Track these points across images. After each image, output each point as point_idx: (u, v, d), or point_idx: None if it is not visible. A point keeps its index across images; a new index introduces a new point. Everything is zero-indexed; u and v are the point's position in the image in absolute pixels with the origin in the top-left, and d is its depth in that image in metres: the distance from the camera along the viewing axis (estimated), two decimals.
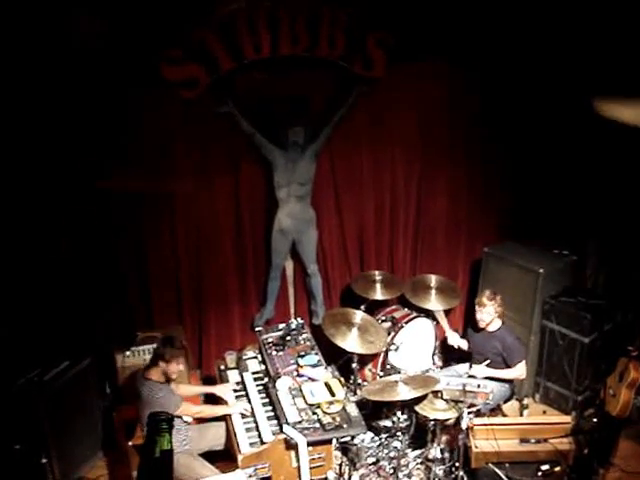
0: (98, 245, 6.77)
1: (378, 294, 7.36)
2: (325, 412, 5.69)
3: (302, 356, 6.43)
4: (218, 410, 6.06)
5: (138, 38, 6.20)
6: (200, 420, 6.18)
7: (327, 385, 6.00)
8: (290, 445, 5.50)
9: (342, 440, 5.99)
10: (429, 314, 7.27)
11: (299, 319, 7.02)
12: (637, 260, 7.34)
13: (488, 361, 6.51)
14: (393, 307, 7.51)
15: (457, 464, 6.12)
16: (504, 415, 6.66)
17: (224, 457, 6.00)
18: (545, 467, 5.82)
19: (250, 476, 5.25)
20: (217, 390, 6.38)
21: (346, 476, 6.22)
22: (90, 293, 6.79)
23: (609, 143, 7.26)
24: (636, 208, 7.23)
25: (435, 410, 6.18)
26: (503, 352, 6.57)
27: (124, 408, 6.75)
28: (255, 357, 6.74)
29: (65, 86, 6.17)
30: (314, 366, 6.31)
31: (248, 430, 5.86)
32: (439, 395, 6.21)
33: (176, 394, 5.83)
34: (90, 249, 6.74)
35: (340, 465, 6.33)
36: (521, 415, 7.17)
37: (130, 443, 6.12)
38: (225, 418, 6.08)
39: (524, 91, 7.46)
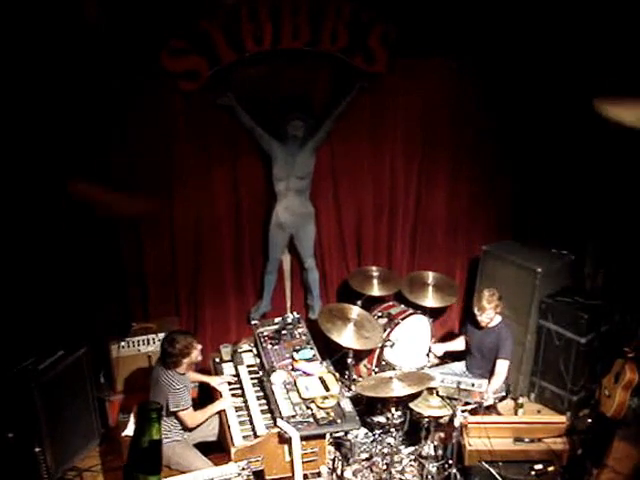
0: (95, 235, 6.75)
1: (375, 290, 7.36)
2: (319, 407, 5.67)
3: (297, 350, 6.41)
4: (210, 412, 6.04)
5: (140, 28, 6.19)
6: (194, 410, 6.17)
7: (322, 380, 5.98)
8: (283, 439, 5.48)
9: (336, 435, 6.00)
10: (426, 311, 7.26)
11: (295, 313, 7.00)
12: (636, 261, 7.33)
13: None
14: (390, 303, 7.51)
15: (450, 462, 6.12)
16: (499, 414, 6.65)
17: (217, 449, 5.99)
18: (538, 467, 5.81)
19: (243, 469, 5.23)
20: (212, 381, 6.38)
21: (339, 471, 6.24)
22: (86, 283, 6.77)
23: (608, 143, 7.25)
24: (635, 209, 7.22)
25: (429, 407, 6.17)
26: (497, 344, 6.56)
27: (118, 399, 6.76)
28: (250, 350, 6.72)
29: (66, 76, 6.16)
30: (309, 360, 6.30)
31: (242, 423, 5.84)
32: (434, 392, 6.20)
33: (190, 396, 5.86)
34: (87, 239, 6.72)
35: (333, 460, 6.36)
36: (516, 414, 7.18)
37: (123, 434, 6.11)
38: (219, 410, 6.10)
39: (525, 90, 7.46)
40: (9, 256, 6.29)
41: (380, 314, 7.29)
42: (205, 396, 6.53)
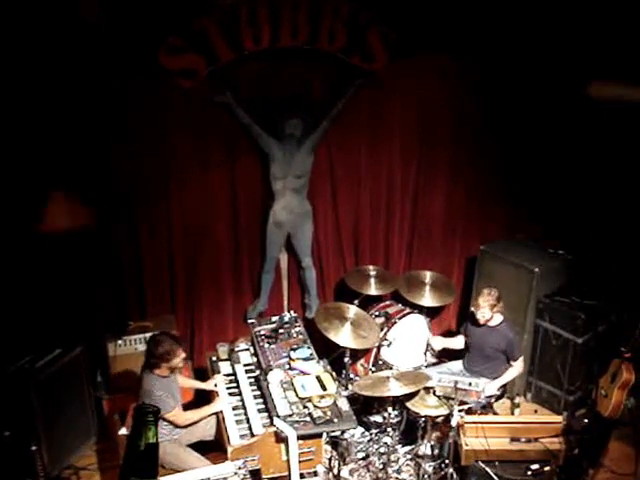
0: (92, 233, 6.73)
1: (372, 289, 7.34)
2: (316, 406, 5.67)
3: (294, 349, 6.41)
4: (204, 413, 6.03)
5: (138, 27, 6.18)
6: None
7: (319, 379, 5.98)
8: (280, 438, 5.49)
9: (332, 434, 5.99)
10: (423, 310, 7.26)
11: (292, 312, 6.99)
12: (633, 261, 7.34)
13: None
14: (387, 302, 7.50)
15: (447, 461, 6.12)
16: (495, 413, 6.66)
17: (216, 448, 5.99)
18: (535, 466, 5.81)
19: (239, 468, 5.24)
20: (207, 386, 6.38)
21: (335, 470, 6.24)
22: (83, 281, 6.76)
23: (607, 144, 7.25)
24: (633, 208, 7.23)
25: (426, 407, 6.18)
26: (506, 348, 6.56)
27: (115, 397, 6.75)
28: (247, 349, 6.71)
29: (65, 76, 6.15)
30: (306, 360, 6.30)
31: (238, 422, 5.85)
32: (431, 392, 6.20)
33: (174, 398, 5.81)
34: (84, 237, 6.70)
35: (330, 459, 6.36)
36: (512, 414, 7.18)
37: (120, 433, 6.10)
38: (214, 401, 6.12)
39: (523, 89, 7.45)
40: (6, 254, 6.29)
41: (377, 313, 7.28)
42: (202, 398, 6.51)
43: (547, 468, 5.82)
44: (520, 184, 7.94)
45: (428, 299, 7.25)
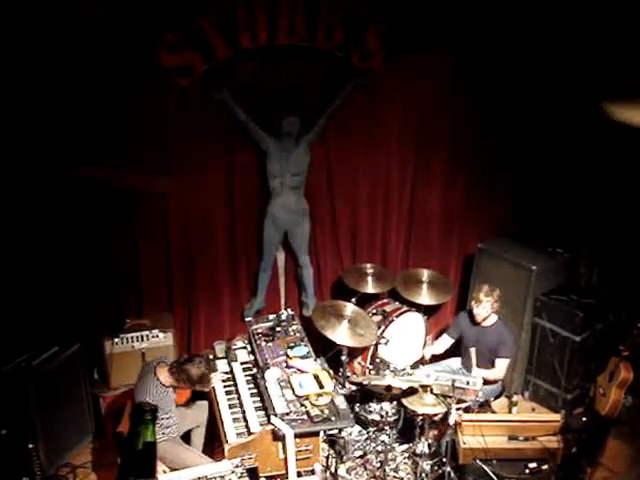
0: (90, 230, 6.72)
1: (369, 287, 7.33)
2: (313, 404, 5.67)
3: (291, 347, 6.41)
4: None
5: (137, 25, 6.17)
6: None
7: (316, 377, 5.97)
8: (277, 436, 5.49)
9: (330, 433, 5.99)
10: (420, 308, 7.25)
11: (289, 310, 7.00)
12: (631, 259, 7.34)
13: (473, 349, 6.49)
14: (384, 300, 7.50)
15: (444, 459, 6.11)
16: (493, 412, 6.65)
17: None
18: (533, 465, 5.81)
19: (237, 466, 5.23)
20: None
21: (333, 469, 6.23)
22: (80, 279, 6.75)
23: (605, 142, 7.25)
24: (630, 207, 7.22)
25: (424, 405, 6.17)
26: (497, 345, 6.54)
27: (112, 395, 6.74)
28: (244, 347, 6.71)
29: (66, 76, 6.14)
30: (303, 358, 6.30)
31: (235, 420, 5.85)
32: (428, 390, 6.20)
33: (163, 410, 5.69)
34: (82, 236, 6.69)
35: (327, 458, 6.35)
36: (510, 412, 7.17)
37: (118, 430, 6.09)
38: (210, 400, 6.17)
39: (522, 89, 7.43)
40: (4, 253, 6.28)
41: (374, 311, 7.28)
42: (199, 398, 6.50)
43: (545, 466, 5.83)
44: (518, 183, 7.94)
45: (425, 297, 7.24)
